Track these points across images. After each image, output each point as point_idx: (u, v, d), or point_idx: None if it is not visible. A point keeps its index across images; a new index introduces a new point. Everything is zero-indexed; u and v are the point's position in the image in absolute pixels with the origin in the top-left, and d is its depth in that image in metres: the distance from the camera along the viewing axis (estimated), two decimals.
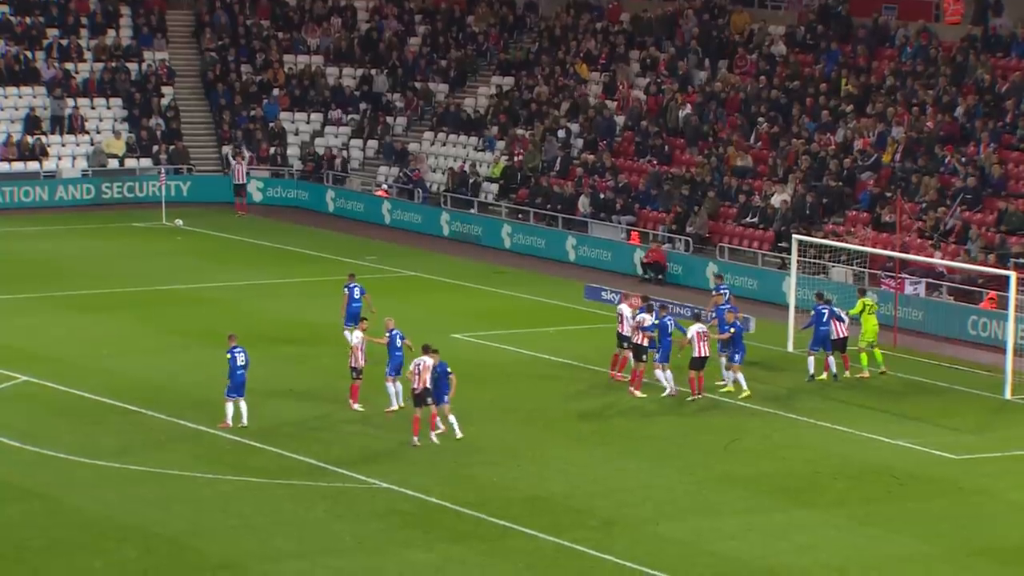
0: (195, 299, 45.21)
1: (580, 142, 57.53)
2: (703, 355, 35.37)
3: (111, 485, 28.97)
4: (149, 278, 47.75)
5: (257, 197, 61.46)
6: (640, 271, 49.61)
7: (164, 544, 26.61)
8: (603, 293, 44.83)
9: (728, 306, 37.48)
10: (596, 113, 57.92)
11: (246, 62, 65.71)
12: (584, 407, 35.07)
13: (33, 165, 60.83)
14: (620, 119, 57.47)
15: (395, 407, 33.80)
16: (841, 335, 37.41)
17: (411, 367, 31.89)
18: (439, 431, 32.15)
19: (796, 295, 40.92)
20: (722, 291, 39.66)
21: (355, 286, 37.80)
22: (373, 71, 65.11)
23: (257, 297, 45.45)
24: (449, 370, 32.02)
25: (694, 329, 35.55)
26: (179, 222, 54.05)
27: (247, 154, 58.69)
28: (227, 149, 62.76)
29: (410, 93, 64.00)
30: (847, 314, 37.84)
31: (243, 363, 32.41)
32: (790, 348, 40.25)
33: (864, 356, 37.85)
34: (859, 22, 55.90)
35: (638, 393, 35.53)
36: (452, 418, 32.10)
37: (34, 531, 27.04)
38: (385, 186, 59.74)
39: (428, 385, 31.64)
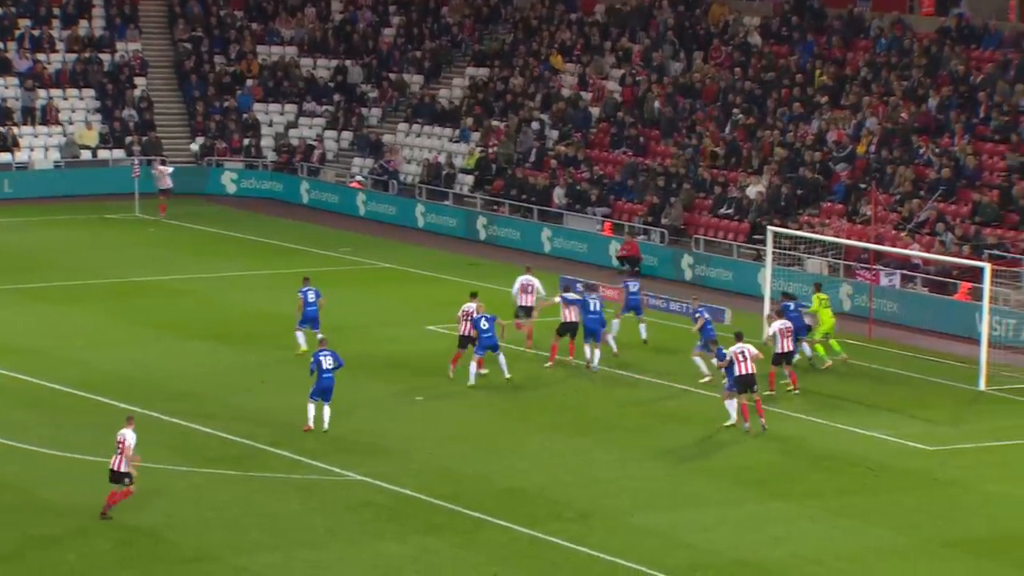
0: (168, 291, 45.09)
1: (555, 133, 57.50)
2: (786, 351, 35.04)
3: (84, 478, 28.86)
4: (122, 270, 47.61)
5: (231, 189, 61.31)
6: (616, 263, 49.64)
7: (138, 536, 26.54)
8: (578, 285, 44.79)
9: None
10: (570, 105, 57.91)
11: (220, 53, 65.51)
12: (561, 398, 35.07)
13: (5, 156, 60.58)
14: (595, 110, 57.46)
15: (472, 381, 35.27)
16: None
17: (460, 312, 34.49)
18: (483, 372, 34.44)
19: (771, 286, 40.99)
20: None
21: (308, 290, 37.54)
22: (347, 62, 64.97)
23: (231, 289, 45.34)
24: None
25: (776, 325, 35.33)
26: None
27: (170, 168, 56.96)
28: (195, 145, 62.48)
29: (384, 84, 63.91)
30: (808, 311, 37.76)
31: (330, 366, 31.72)
32: (765, 339, 40.28)
33: (821, 348, 37.86)
34: (834, 13, 56.00)
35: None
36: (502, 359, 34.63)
37: (6, 524, 26.94)
38: (359, 177, 59.67)
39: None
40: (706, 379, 35.63)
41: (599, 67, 59.20)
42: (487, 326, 35.71)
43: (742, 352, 32.97)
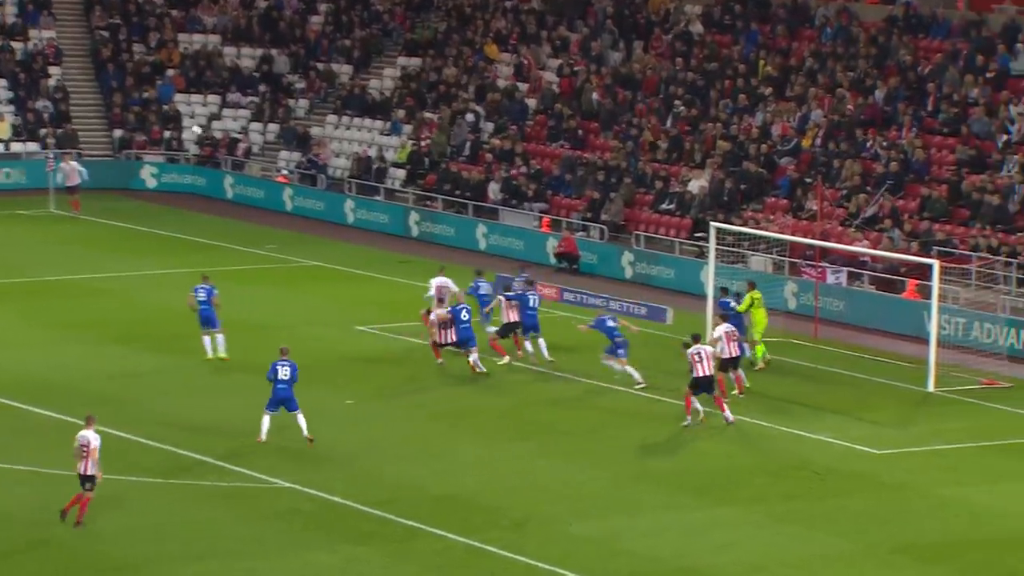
0: (85, 290, 44.85)
1: (490, 126, 57.57)
2: (733, 355, 35.36)
3: None
4: (36, 268, 47.30)
5: (151, 184, 61.03)
6: (554, 261, 49.77)
7: (57, 546, 26.41)
8: (515, 283, 44.87)
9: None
10: (506, 96, 58.01)
11: (139, 41, 65.16)
12: (497, 402, 35.14)
13: None
14: (532, 102, 57.55)
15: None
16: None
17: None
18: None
19: (715, 284, 41.22)
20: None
21: (201, 288, 37.38)
22: (273, 51, 64.79)
23: (151, 288, 45.13)
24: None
25: (721, 329, 35.55)
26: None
27: (75, 164, 55.79)
28: (119, 133, 62.27)
29: (312, 75, 63.77)
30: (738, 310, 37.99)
31: (285, 377, 31.29)
32: (710, 342, 40.49)
33: (760, 348, 38.10)
34: (778, 1, 56.35)
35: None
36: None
37: None
38: (286, 171, 59.52)
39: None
40: (640, 385, 35.69)
41: (536, 57, 59.33)
42: (466, 317, 35.94)
43: (698, 353, 33.28)
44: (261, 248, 51.16)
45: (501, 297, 38.32)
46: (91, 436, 27.00)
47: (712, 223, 42.83)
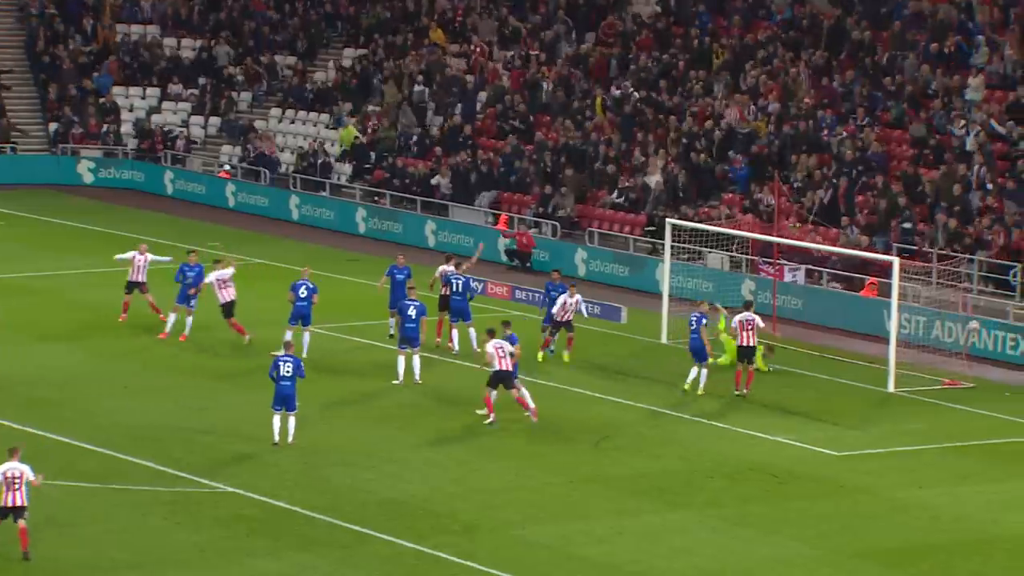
0: (18, 289, 44.59)
1: (439, 119, 57.53)
2: (749, 344, 36.08)
3: None
4: None
5: (88, 179, 60.74)
6: (505, 259, 49.82)
7: None
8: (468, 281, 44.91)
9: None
10: (455, 86, 58.00)
11: (75, 30, 64.80)
12: (445, 404, 35.15)
13: None
14: (483, 94, 57.48)
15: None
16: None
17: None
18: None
19: (670, 283, 41.37)
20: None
21: (303, 284, 37.67)
22: (214, 41, 64.57)
23: (86, 286, 44.91)
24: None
25: (738, 318, 36.33)
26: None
27: None
28: (54, 126, 61.94)
29: (255, 66, 63.58)
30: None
31: (288, 373, 31.31)
32: (664, 339, 40.69)
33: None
34: None
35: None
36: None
37: None
38: (228, 166, 59.35)
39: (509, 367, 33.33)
40: (489, 420, 34.38)
41: (486, 45, 59.35)
42: (415, 315, 36.02)
43: (747, 320, 35.65)
44: (204, 246, 50.92)
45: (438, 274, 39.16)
46: (22, 467, 26.43)
47: (667, 220, 42.96)
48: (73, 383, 36.03)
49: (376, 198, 55.23)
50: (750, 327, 36.15)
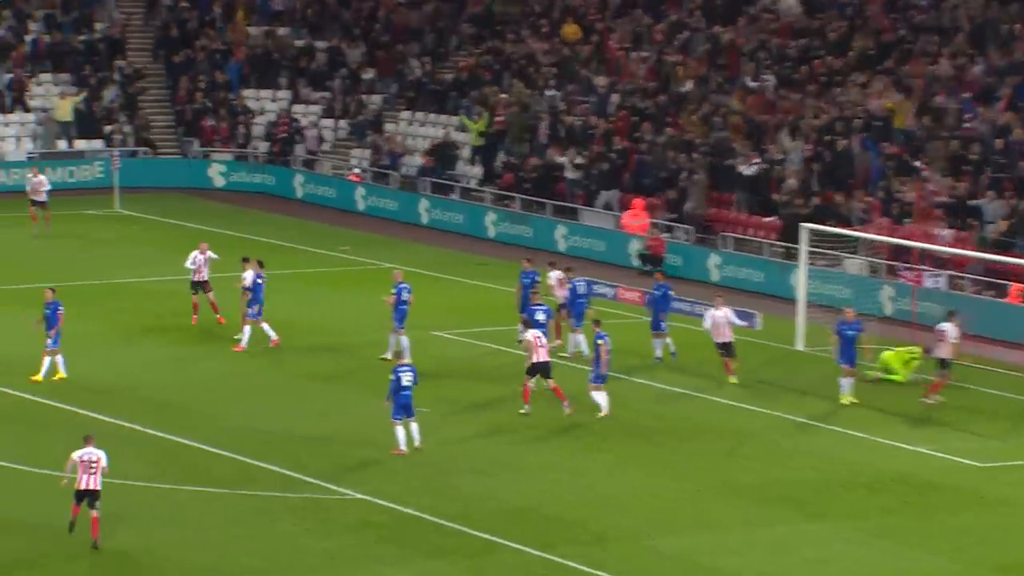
0: (151, 293, 45.19)
1: (570, 116, 57.16)
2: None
3: (57, 496, 28.92)
4: (103, 270, 47.72)
5: (219, 182, 61.44)
6: (638, 263, 49.63)
7: (115, 560, 26.61)
8: (595, 287, 44.85)
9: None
10: (587, 81, 57.86)
11: (209, 28, 65.47)
12: (576, 411, 35.05)
13: None
14: (616, 92, 57.21)
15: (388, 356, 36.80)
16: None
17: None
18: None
19: (807, 288, 40.99)
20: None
21: (404, 287, 38.03)
22: (344, 42, 64.99)
23: (219, 292, 45.36)
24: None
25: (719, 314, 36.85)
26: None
27: (43, 177, 52.77)
28: (185, 130, 62.70)
29: (386, 65, 63.82)
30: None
31: (409, 383, 31.60)
32: (799, 346, 40.35)
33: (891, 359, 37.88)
34: None
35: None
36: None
37: None
38: (358, 170, 59.65)
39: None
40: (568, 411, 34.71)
41: (621, 38, 59.20)
42: (543, 319, 36.06)
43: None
44: (334, 250, 51.37)
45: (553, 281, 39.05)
46: (99, 452, 27.13)
47: (803, 225, 42.53)
48: (204, 387, 36.41)
49: (506, 202, 55.30)
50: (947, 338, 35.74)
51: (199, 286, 40.81)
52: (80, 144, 61.82)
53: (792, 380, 37.91)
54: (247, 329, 38.80)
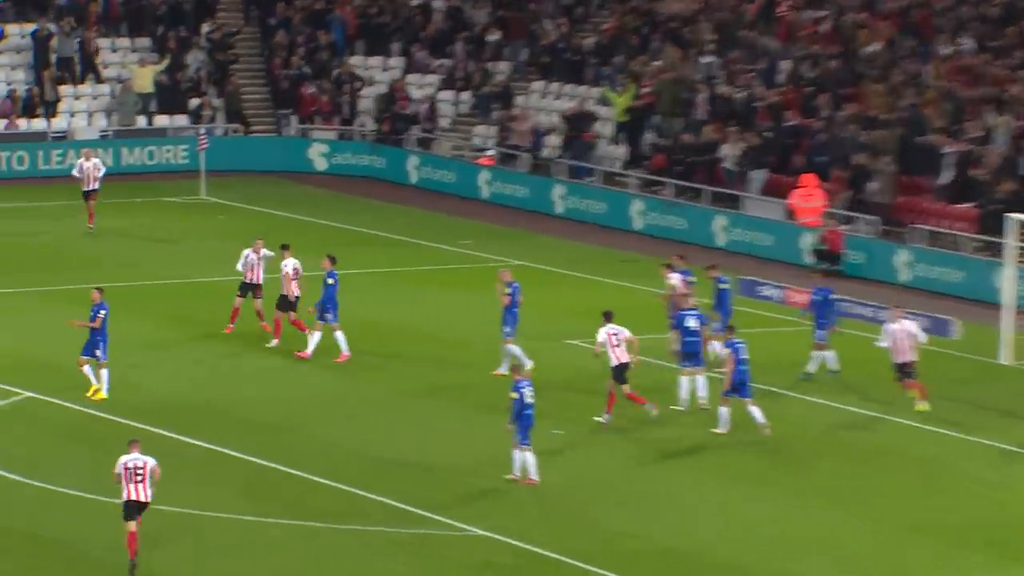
0: (230, 293, 45.58)
1: (730, 88, 57.06)
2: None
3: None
4: (186, 268, 48.23)
5: (320, 165, 61.93)
6: (812, 260, 49.35)
7: None
8: (761, 288, 44.70)
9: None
10: (753, 45, 57.61)
11: None
12: (738, 434, 34.96)
13: (38, 124, 61.63)
14: (786, 65, 56.98)
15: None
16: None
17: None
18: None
19: (1015, 291, 40.57)
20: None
21: (515, 284, 38.19)
22: (467, 1, 65.27)
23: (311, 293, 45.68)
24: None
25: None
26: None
27: (97, 161, 51.90)
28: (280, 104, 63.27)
29: (516, 27, 63.95)
30: None
31: (531, 401, 31.55)
32: (1005, 359, 39.95)
33: None
34: None
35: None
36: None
37: None
38: (491, 152, 59.59)
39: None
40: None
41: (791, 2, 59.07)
42: (696, 325, 36.14)
43: None
44: (455, 245, 51.59)
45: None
46: (145, 458, 27.72)
47: (1010, 215, 42.08)
48: (304, 406, 36.70)
49: (655, 188, 55.22)
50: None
51: (250, 289, 40.94)
52: (161, 120, 62.62)
53: (996, 400, 37.51)
54: (339, 335, 38.93)
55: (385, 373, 38.76)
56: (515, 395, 31.60)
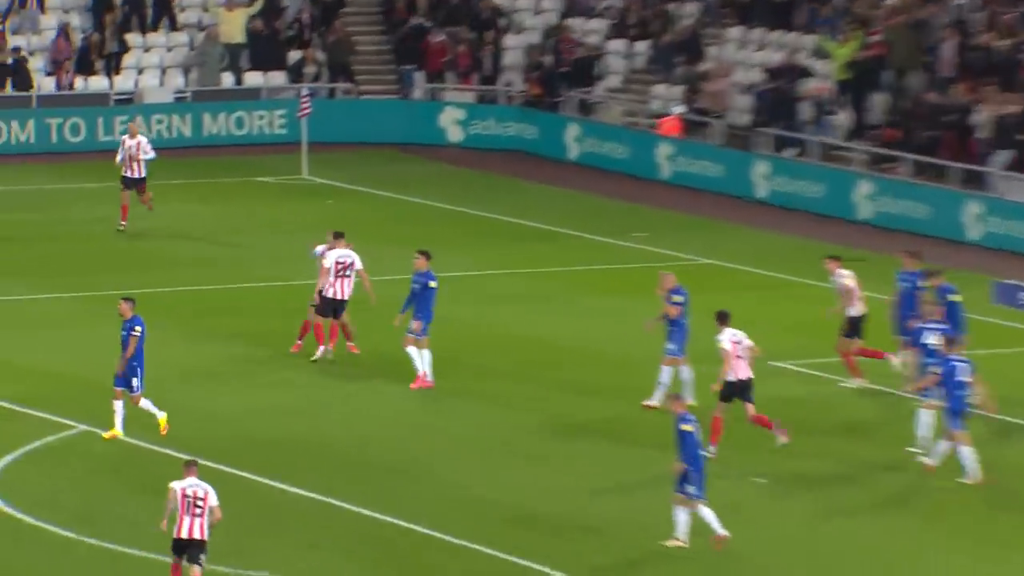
0: (353, 302, 45.87)
1: (985, 34, 56.80)
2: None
3: None
4: (279, 267, 48.53)
5: (455, 135, 62.20)
6: None
7: None
8: (1021, 294, 44.36)
9: None
10: None
11: None
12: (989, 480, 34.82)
13: (97, 83, 62.25)
14: None
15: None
16: None
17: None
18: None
19: None
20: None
21: (681, 292, 38.41)
22: None
23: (456, 299, 45.77)
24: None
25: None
26: None
27: (142, 139, 51.34)
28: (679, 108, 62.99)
29: None
30: None
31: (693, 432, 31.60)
32: None
33: None
34: None
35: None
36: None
37: None
38: (678, 110, 59.30)
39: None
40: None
41: None
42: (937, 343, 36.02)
43: None
44: (624, 238, 51.63)
45: None
46: (206, 487, 28.03)
47: None
48: (430, 439, 36.90)
49: (887, 165, 55.00)
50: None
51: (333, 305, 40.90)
52: (253, 78, 63.11)
53: None
54: (426, 354, 39.06)
55: (531, 403, 38.79)
56: (680, 434, 31.40)
